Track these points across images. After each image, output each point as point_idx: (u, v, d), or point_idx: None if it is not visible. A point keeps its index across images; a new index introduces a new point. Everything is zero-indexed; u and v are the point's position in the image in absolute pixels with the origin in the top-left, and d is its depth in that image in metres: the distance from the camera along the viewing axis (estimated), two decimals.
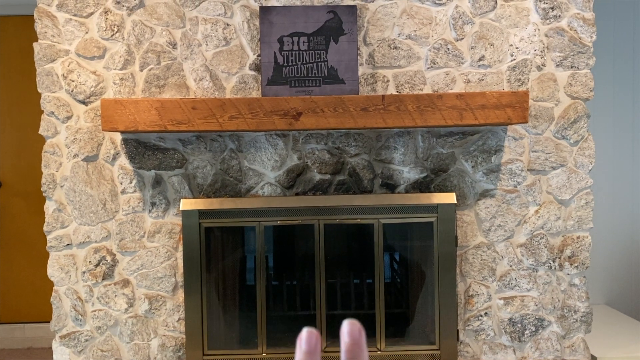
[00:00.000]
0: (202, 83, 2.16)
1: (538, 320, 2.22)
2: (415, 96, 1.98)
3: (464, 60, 2.17)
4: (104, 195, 2.17)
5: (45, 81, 2.14)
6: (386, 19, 2.16)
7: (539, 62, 2.17)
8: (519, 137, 2.19)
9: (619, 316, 2.80)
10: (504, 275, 2.21)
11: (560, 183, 2.20)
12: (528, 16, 2.16)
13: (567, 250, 2.21)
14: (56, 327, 2.20)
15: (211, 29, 2.15)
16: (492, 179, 2.20)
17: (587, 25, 2.17)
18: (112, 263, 2.18)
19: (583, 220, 2.21)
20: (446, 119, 1.98)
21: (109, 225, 2.18)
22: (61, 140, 2.16)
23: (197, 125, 1.97)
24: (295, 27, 2.12)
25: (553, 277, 2.22)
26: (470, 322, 2.22)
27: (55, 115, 2.15)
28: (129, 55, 2.15)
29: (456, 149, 2.20)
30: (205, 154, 2.18)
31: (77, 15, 2.13)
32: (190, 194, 2.18)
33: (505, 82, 2.18)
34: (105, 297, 2.19)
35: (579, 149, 2.20)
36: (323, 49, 2.12)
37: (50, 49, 2.14)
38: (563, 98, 2.18)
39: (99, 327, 2.19)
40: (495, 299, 2.22)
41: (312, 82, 2.12)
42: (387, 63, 2.17)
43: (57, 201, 2.17)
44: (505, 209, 2.20)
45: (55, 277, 2.19)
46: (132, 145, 2.16)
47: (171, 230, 2.18)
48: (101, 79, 2.15)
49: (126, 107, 1.96)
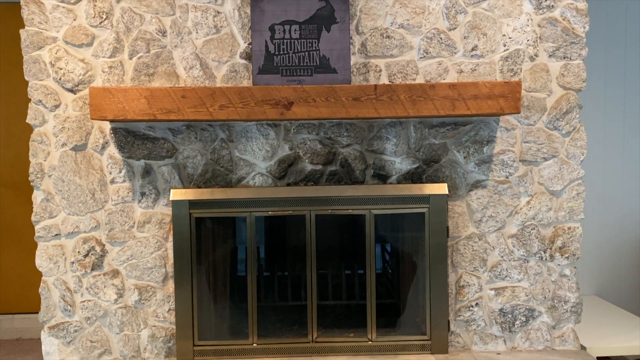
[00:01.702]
0: (192, 71, 2.13)
1: (528, 311, 2.23)
2: (407, 86, 1.97)
3: (456, 50, 2.16)
4: (93, 185, 2.14)
5: (32, 69, 2.11)
6: (379, 8, 2.14)
7: (531, 52, 2.16)
8: (511, 128, 2.18)
9: (609, 307, 2.81)
10: (495, 265, 2.22)
11: (551, 174, 2.20)
12: (521, 6, 2.15)
13: (558, 241, 2.21)
14: (45, 317, 2.18)
15: (201, 16, 2.12)
16: (484, 169, 2.19)
17: (580, 16, 2.16)
18: (102, 253, 2.16)
19: (574, 211, 2.21)
20: (438, 109, 1.97)
21: (98, 215, 2.15)
22: (49, 129, 2.13)
23: (187, 115, 1.94)
24: (287, 15, 2.09)
25: (544, 268, 2.22)
26: (461, 313, 2.22)
27: (43, 104, 2.12)
28: (118, 43, 2.11)
29: (448, 139, 2.19)
30: (196, 144, 2.15)
31: (65, 2, 2.10)
32: (181, 184, 2.16)
33: (497, 73, 2.16)
34: (94, 287, 2.17)
35: (571, 139, 2.19)
36: (315, 38, 2.10)
37: (38, 36, 2.10)
38: (555, 89, 2.18)
39: (88, 318, 2.18)
40: (486, 290, 2.22)
41: (304, 71, 2.10)
42: (379, 52, 2.15)
43: (45, 191, 2.14)
44: (496, 199, 2.20)
45: (44, 267, 2.16)
46: (122, 135, 2.13)
47: (161, 220, 2.16)
48: (89, 67, 2.11)
49: (115, 96, 1.93)
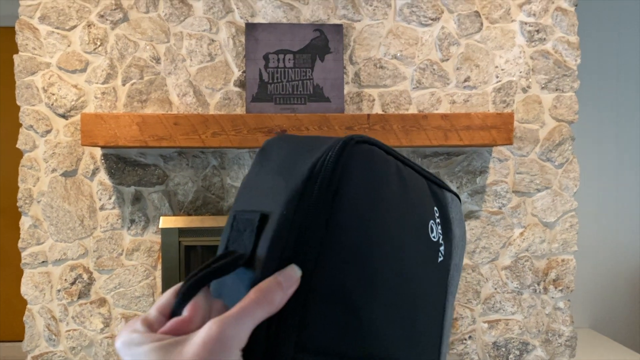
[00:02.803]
0: (185, 98, 2.13)
1: (522, 344, 2.19)
2: (400, 116, 1.97)
3: (449, 80, 2.17)
4: (82, 211, 2.11)
5: (24, 94, 2.10)
6: (372, 39, 2.16)
7: (524, 84, 2.18)
8: (504, 159, 2.18)
9: (604, 340, 2.78)
10: (488, 298, 2.19)
11: (545, 205, 2.19)
12: (514, 38, 2.17)
13: (551, 273, 2.19)
14: (28, 347, 2.13)
15: (196, 44, 2.13)
16: (477, 200, 2.18)
17: (571, 49, 2.18)
18: (89, 281, 2.12)
19: (568, 243, 2.20)
20: (431, 139, 1.97)
21: (86, 242, 2.12)
22: (39, 155, 2.11)
23: (179, 142, 1.93)
24: (281, 44, 2.11)
25: (537, 301, 2.19)
26: (454, 346, 2.19)
27: (34, 129, 2.10)
28: (112, 69, 2.11)
29: (441, 169, 2.18)
30: (187, 171, 2.14)
31: (60, 28, 2.10)
32: (171, 211, 2.13)
33: (490, 104, 2.17)
34: (80, 316, 2.12)
35: (564, 171, 2.19)
36: (309, 67, 2.10)
37: (31, 61, 2.10)
38: (548, 120, 2.19)
39: (73, 348, 2.13)
40: (480, 322, 2.19)
41: (298, 99, 2.10)
42: (373, 82, 2.16)
43: (33, 217, 2.11)
44: (490, 230, 2.18)
45: (29, 295, 2.12)
46: (112, 161, 2.12)
47: (150, 248, 2.13)
48: (82, 93, 2.11)
49: (107, 122, 1.92)
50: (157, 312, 0.36)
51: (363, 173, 0.38)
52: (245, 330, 0.32)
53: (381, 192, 0.39)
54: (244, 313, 0.32)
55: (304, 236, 0.35)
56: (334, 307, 0.35)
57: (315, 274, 0.35)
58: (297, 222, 0.35)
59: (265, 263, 0.35)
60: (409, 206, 0.41)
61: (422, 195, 0.44)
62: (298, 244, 0.35)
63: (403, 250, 0.40)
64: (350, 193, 0.36)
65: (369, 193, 0.38)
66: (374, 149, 0.40)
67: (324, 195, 0.36)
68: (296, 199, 0.36)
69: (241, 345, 0.32)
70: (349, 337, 0.35)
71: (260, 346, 0.33)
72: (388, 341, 0.38)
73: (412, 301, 0.40)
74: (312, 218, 0.35)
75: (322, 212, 0.35)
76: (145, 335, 0.33)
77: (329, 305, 0.35)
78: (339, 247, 0.36)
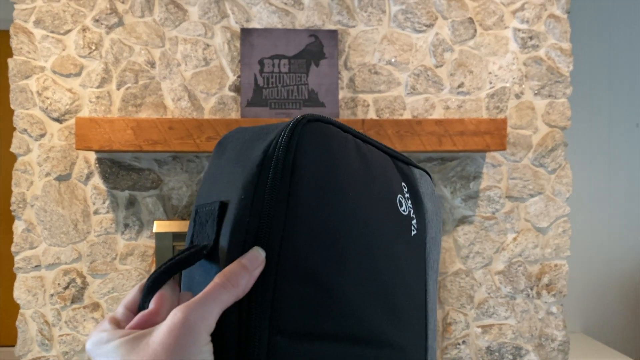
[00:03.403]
0: (180, 103, 2.13)
1: (516, 349, 2.20)
2: (394, 121, 1.98)
3: (443, 86, 2.18)
4: (76, 215, 2.11)
5: (19, 98, 2.10)
6: (367, 45, 2.17)
7: (517, 90, 2.19)
8: (497, 164, 2.20)
9: (596, 345, 2.79)
10: (481, 302, 2.20)
11: (538, 210, 2.20)
12: (507, 45, 2.19)
13: (544, 278, 2.20)
14: (21, 352, 2.12)
15: (191, 49, 2.13)
16: (471, 205, 2.19)
17: (564, 56, 2.20)
18: (82, 286, 2.12)
19: (561, 248, 2.21)
20: (425, 144, 1.98)
21: (80, 246, 2.12)
22: (33, 159, 2.10)
23: (173, 146, 1.94)
24: (276, 49, 2.11)
25: (530, 305, 2.21)
26: (448, 351, 2.19)
27: (28, 133, 2.10)
28: (106, 74, 2.11)
29: (435, 174, 2.19)
30: (181, 175, 2.14)
31: (55, 32, 2.10)
32: (165, 215, 2.13)
33: (484, 109, 2.19)
34: (73, 321, 2.12)
35: (557, 177, 2.21)
36: (304, 72, 2.11)
37: (26, 65, 2.09)
38: (541, 126, 2.20)
39: (66, 353, 2.12)
40: (473, 327, 2.20)
41: (293, 104, 2.11)
42: (367, 88, 2.17)
43: (26, 221, 2.11)
44: (483, 235, 2.19)
45: (22, 299, 2.11)
46: (107, 165, 2.12)
47: (144, 252, 2.13)
48: (77, 97, 2.11)
49: (101, 126, 1.92)
50: (124, 309, 0.36)
51: (318, 151, 0.37)
52: (211, 314, 0.32)
53: (340, 168, 0.38)
54: (209, 297, 0.32)
55: (265, 218, 0.34)
56: (305, 287, 0.34)
57: (281, 255, 0.34)
58: (257, 205, 0.35)
59: (229, 250, 0.35)
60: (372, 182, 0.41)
61: (387, 171, 0.44)
62: (260, 228, 0.34)
63: (370, 225, 0.39)
64: (307, 172, 0.36)
65: (326, 170, 0.37)
66: (329, 126, 0.39)
67: (279, 175, 0.35)
68: (253, 183, 0.35)
69: (209, 329, 0.32)
70: (325, 317, 0.35)
71: (233, 332, 0.33)
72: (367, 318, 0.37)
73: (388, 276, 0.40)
74: (271, 200, 0.35)
75: (280, 193, 0.35)
76: (113, 332, 0.33)
77: (299, 285, 0.34)
78: (302, 226, 0.35)
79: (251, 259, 0.34)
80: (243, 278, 0.33)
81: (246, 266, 0.33)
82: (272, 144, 0.36)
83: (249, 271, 0.33)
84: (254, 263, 0.34)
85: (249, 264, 0.33)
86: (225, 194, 0.37)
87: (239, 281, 0.33)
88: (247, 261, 0.34)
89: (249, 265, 0.33)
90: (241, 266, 0.33)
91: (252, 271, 0.33)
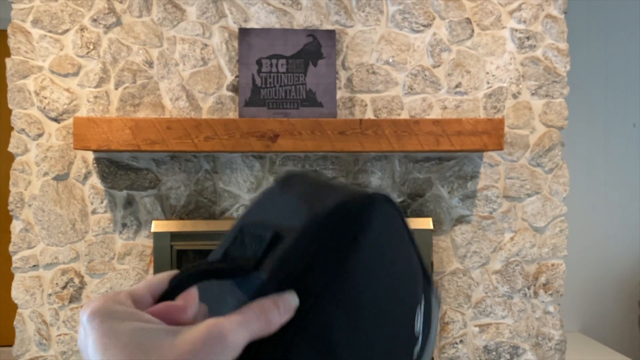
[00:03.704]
0: (178, 103, 2.13)
1: (513, 348, 2.21)
2: (392, 121, 1.98)
3: (441, 86, 2.19)
4: (74, 215, 2.11)
5: (16, 97, 2.10)
6: (365, 45, 2.17)
7: (514, 90, 2.20)
8: (494, 164, 2.20)
9: (593, 344, 2.80)
10: (479, 302, 2.20)
11: (535, 210, 2.21)
12: (504, 45, 2.20)
13: (541, 277, 2.21)
14: (19, 351, 2.12)
15: (189, 48, 2.13)
16: (468, 204, 2.20)
17: (561, 56, 2.21)
18: (80, 285, 2.12)
19: (558, 248, 2.22)
20: (423, 144, 1.98)
21: (78, 246, 2.12)
22: (31, 158, 2.10)
23: (171, 146, 1.94)
24: (274, 49, 2.12)
25: (528, 305, 2.21)
26: (445, 350, 2.20)
27: (26, 133, 2.10)
28: (104, 73, 2.11)
29: (433, 174, 2.20)
30: (179, 175, 2.14)
31: (52, 32, 2.10)
32: (163, 215, 2.13)
33: (481, 109, 2.19)
34: (71, 320, 2.12)
35: (554, 176, 2.22)
36: (302, 72, 2.12)
37: (23, 64, 2.09)
38: (538, 126, 2.21)
39: (64, 352, 2.12)
40: (471, 326, 2.21)
41: (290, 104, 2.11)
42: (365, 87, 2.17)
43: (24, 220, 2.10)
44: (481, 235, 2.20)
45: (20, 299, 2.11)
46: (105, 165, 2.12)
47: (142, 252, 2.13)
48: (75, 97, 2.11)
49: (99, 126, 1.92)
50: (145, 291, 0.34)
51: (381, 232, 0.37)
52: (243, 340, 0.30)
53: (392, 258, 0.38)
54: (246, 324, 0.31)
55: (312, 268, 0.34)
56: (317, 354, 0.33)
57: (310, 313, 0.33)
58: (311, 251, 0.34)
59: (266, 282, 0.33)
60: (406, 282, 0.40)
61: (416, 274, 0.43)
62: (304, 274, 0.33)
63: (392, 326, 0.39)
64: (366, 245, 0.35)
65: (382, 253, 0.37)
66: (397, 215, 0.39)
67: (343, 235, 0.35)
68: (316, 228, 0.35)
69: (235, 354, 0.30)
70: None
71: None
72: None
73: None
74: (326, 252, 0.34)
75: (336, 250, 0.34)
76: (132, 311, 0.30)
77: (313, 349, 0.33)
78: (340, 295, 0.34)
79: (285, 302, 0.32)
80: (275, 318, 0.32)
81: (280, 307, 0.32)
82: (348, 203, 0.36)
83: (280, 313, 0.32)
84: (286, 308, 0.32)
85: (282, 306, 0.32)
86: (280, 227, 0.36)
87: (272, 319, 0.32)
88: (282, 303, 0.32)
89: (282, 308, 0.32)
90: (276, 305, 0.32)
91: (282, 315, 0.32)
